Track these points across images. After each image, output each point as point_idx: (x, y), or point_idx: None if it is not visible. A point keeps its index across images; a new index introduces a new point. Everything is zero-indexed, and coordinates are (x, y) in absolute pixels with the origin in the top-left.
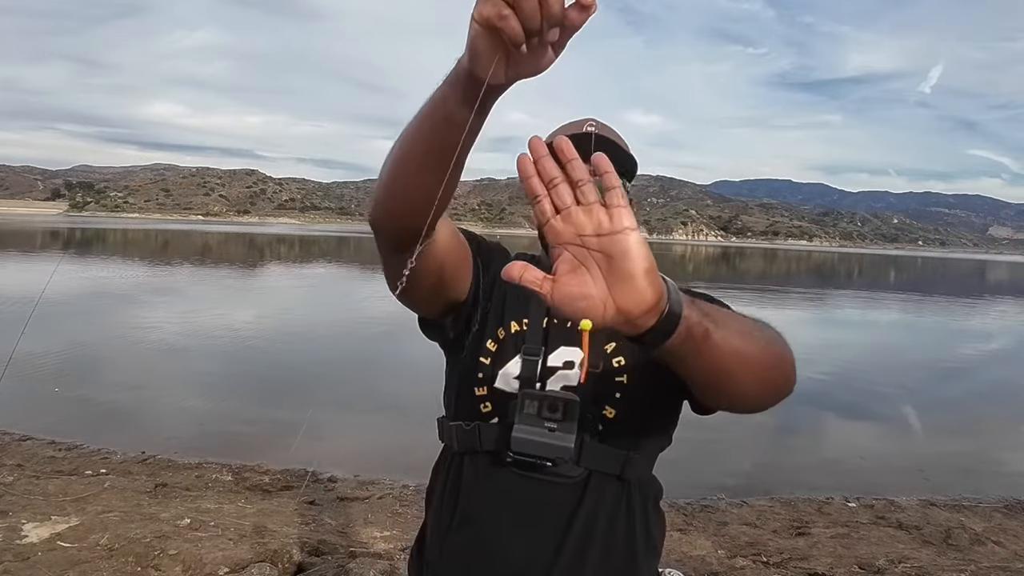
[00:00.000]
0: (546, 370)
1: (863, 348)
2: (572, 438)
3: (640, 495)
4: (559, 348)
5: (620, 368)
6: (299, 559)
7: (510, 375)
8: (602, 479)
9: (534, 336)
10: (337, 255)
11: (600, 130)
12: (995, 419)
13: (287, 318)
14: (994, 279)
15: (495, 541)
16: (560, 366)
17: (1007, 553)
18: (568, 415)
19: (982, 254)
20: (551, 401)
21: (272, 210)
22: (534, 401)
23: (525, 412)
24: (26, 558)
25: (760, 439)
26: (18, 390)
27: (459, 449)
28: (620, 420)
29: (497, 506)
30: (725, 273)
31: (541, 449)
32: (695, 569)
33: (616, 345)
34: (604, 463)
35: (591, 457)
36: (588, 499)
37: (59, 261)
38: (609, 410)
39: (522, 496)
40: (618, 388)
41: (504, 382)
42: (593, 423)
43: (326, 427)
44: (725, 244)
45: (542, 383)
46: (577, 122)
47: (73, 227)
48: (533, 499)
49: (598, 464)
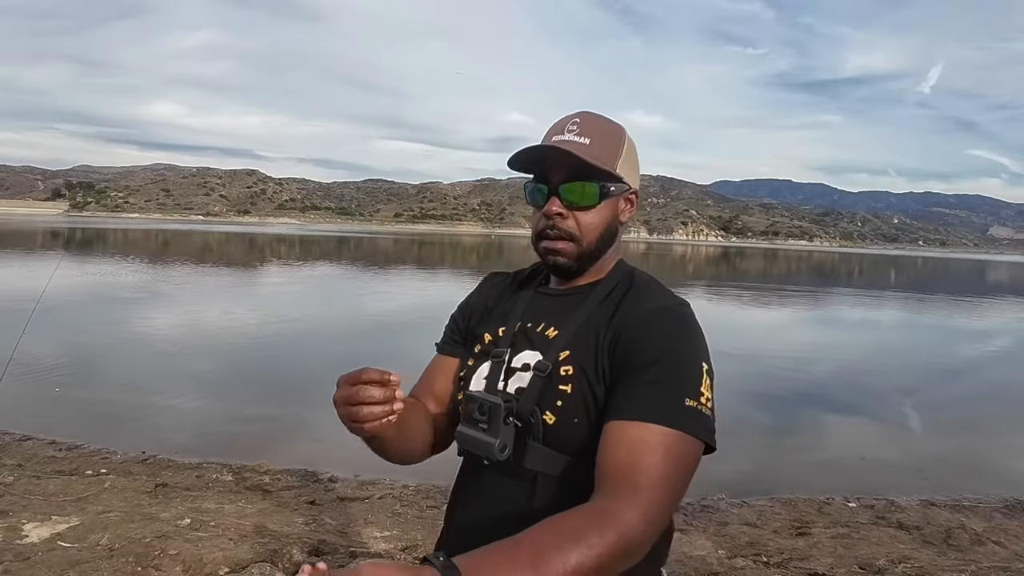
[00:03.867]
0: (509, 371)
1: (863, 348)
2: (495, 438)
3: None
4: (524, 351)
5: (567, 376)
6: (299, 559)
7: (481, 377)
8: (549, 481)
9: (504, 341)
10: (337, 255)
11: (586, 121)
12: (995, 419)
13: (288, 317)
14: (994, 279)
15: (468, 532)
16: (519, 368)
17: (1007, 553)
18: (493, 416)
19: (982, 254)
20: (479, 403)
21: (272, 210)
22: (471, 403)
23: (467, 411)
24: (26, 558)
25: (760, 439)
26: (18, 390)
27: (459, 450)
28: (560, 427)
29: (472, 501)
30: (725, 273)
31: (475, 446)
32: (695, 569)
33: (568, 354)
34: (547, 466)
35: (535, 459)
36: (538, 499)
37: (59, 261)
38: (550, 416)
39: (489, 491)
40: (560, 396)
41: (477, 384)
42: (536, 427)
43: (326, 427)
44: (725, 244)
45: (504, 383)
46: (565, 118)
47: (73, 227)
48: (498, 494)
49: (542, 466)
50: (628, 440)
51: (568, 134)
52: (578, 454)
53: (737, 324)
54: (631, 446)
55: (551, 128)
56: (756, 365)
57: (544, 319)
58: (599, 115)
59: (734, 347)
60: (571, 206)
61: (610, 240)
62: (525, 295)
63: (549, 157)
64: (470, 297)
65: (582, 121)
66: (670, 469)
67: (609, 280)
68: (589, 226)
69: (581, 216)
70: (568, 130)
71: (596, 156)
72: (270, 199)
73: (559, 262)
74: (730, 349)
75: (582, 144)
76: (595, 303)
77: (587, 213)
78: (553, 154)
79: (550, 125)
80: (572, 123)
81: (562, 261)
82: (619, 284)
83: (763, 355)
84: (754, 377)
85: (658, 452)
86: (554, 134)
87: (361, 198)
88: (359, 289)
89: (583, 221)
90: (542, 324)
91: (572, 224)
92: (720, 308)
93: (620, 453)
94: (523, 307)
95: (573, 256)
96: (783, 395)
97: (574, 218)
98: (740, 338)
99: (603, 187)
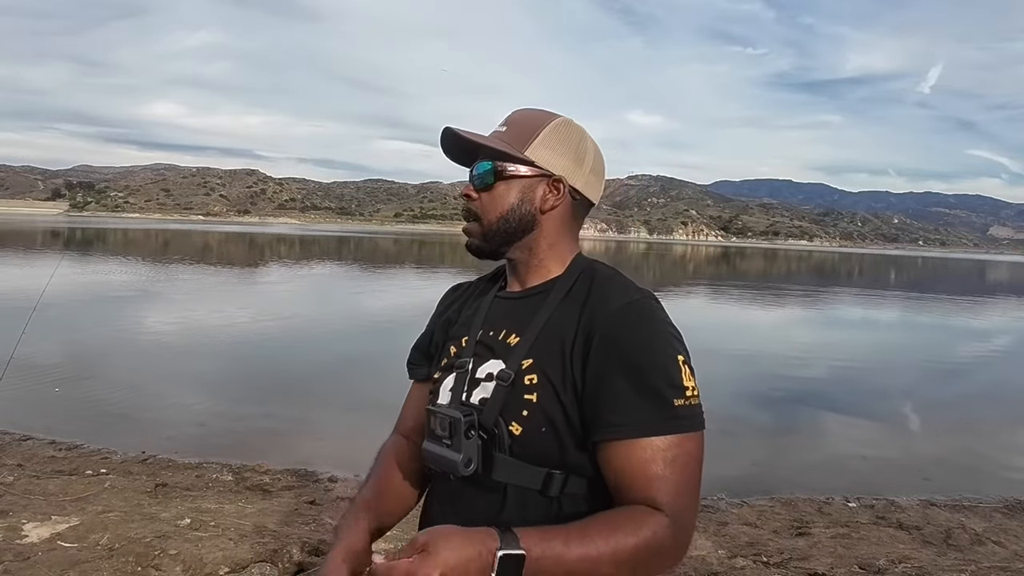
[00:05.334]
0: (473, 382)
1: (863, 347)
2: (459, 453)
3: (574, 512)
4: (488, 360)
5: (531, 385)
6: (299, 559)
7: (446, 390)
8: (522, 492)
9: (467, 351)
10: (337, 255)
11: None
12: (995, 419)
13: (288, 318)
14: (994, 279)
15: None
16: (483, 378)
17: (1007, 553)
18: (454, 431)
19: (983, 254)
20: (440, 418)
21: (272, 210)
22: (434, 417)
23: (430, 428)
24: (26, 558)
25: (760, 439)
26: (18, 390)
27: None
28: (526, 436)
29: (444, 514)
30: (725, 273)
31: (439, 463)
32: (695, 569)
33: (532, 362)
34: (520, 478)
35: (504, 471)
36: (509, 511)
37: (59, 261)
38: (515, 426)
39: (462, 504)
40: (526, 406)
41: (443, 398)
42: (500, 438)
43: (326, 427)
44: (725, 244)
45: (468, 394)
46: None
47: (73, 227)
48: (469, 508)
49: (513, 478)
50: (636, 462)
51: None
52: (547, 463)
53: (737, 324)
54: (641, 468)
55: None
56: (756, 365)
57: (505, 325)
58: (536, 110)
59: (734, 347)
60: (477, 188)
61: (520, 225)
62: (486, 301)
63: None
64: (433, 314)
65: (512, 115)
66: (683, 475)
67: (567, 276)
68: (488, 206)
69: (484, 196)
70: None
71: (504, 139)
72: (270, 199)
73: (468, 244)
74: (730, 349)
75: (498, 131)
76: (554, 304)
77: (488, 193)
78: (447, 135)
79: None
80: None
81: (469, 241)
82: (579, 280)
83: (763, 355)
84: (754, 377)
85: (668, 465)
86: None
87: (361, 198)
88: (359, 288)
89: (483, 200)
90: (503, 331)
91: (477, 204)
92: (720, 308)
93: (632, 478)
94: (483, 314)
95: (478, 236)
96: (783, 395)
97: (480, 199)
98: (740, 338)
99: (497, 167)
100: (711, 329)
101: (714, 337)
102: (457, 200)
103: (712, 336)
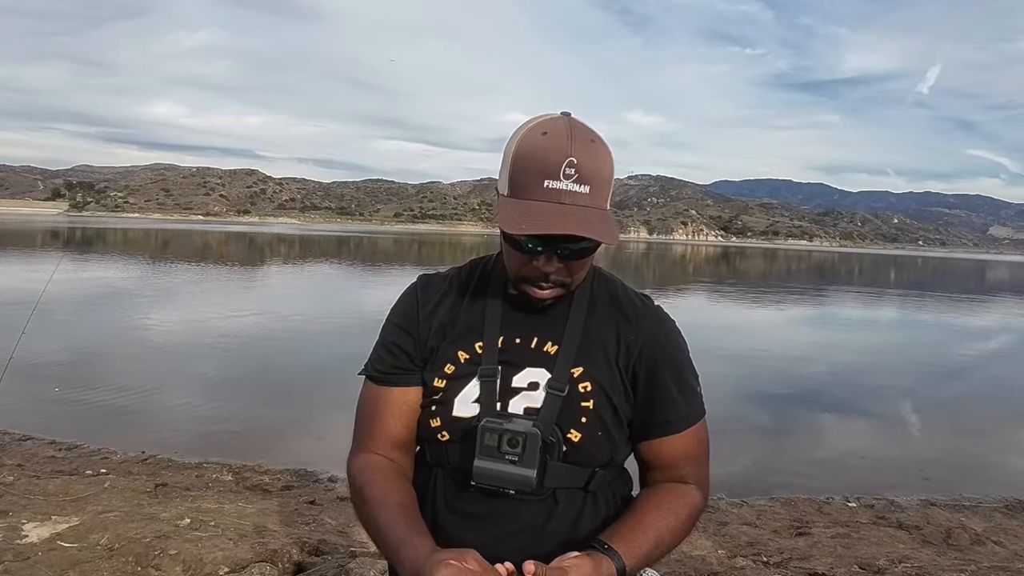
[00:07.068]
0: (508, 391)
1: (863, 347)
2: (533, 470)
3: (604, 497)
4: (525, 369)
5: (587, 393)
6: (299, 559)
7: (468, 398)
8: (570, 494)
9: (490, 358)
10: (337, 254)
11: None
12: (995, 419)
13: (288, 317)
14: (994, 279)
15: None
16: (524, 387)
17: (1007, 553)
18: (529, 449)
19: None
20: (511, 436)
21: (272, 210)
22: (494, 435)
23: (486, 444)
24: (26, 558)
25: (760, 439)
26: (18, 390)
27: (430, 461)
28: (585, 443)
29: (466, 523)
30: (725, 272)
31: (503, 481)
32: (695, 569)
33: (583, 370)
34: (569, 480)
35: (554, 478)
36: (559, 514)
37: (59, 261)
38: (574, 434)
39: (504, 513)
40: (584, 413)
41: (463, 407)
42: (558, 446)
43: (326, 427)
44: (725, 244)
45: (503, 403)
46: (558, 151)
47: (73, 227)
48: (514, 515)
49: (562, 482)
50: (678, 448)
51: (565, 180)
52: (595, 463)
53: (737, 324)
54: (682, 452)
55: (537, 123)
56: (756, 365)
57: (534, 332)
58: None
59: (734, 346)
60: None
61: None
62: (493, 304)
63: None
64: (407, 313)
65: (579, 162)
66: (704, 449)
67: (584, 283)
68: (580, 273)
69: (573, 265)
70: (565, 175)
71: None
72: (270, 199)
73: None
74: (730, 348)
75: (582, 195)
76: (583, 312)
77: (580, 261)
78: (563, 238)
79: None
80: (568, 165)
81: (547, 303)
82: (595, 286)
83: (763, 355)
84: (754, 377)
85: (697, 444)
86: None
87: (361, 198)
88: (360, 288)
89: (574, 269)
90: (535, 338)
91: (564, 273)
92: (720, 308)
93: (674, 461)
94: (496, 318)
95: (559, 297)
96: (783, 394)
97: (567, 268)
98: (740, 337)
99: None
100: (711, 329)
101: (714, 337)
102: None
103: (712, 336)
